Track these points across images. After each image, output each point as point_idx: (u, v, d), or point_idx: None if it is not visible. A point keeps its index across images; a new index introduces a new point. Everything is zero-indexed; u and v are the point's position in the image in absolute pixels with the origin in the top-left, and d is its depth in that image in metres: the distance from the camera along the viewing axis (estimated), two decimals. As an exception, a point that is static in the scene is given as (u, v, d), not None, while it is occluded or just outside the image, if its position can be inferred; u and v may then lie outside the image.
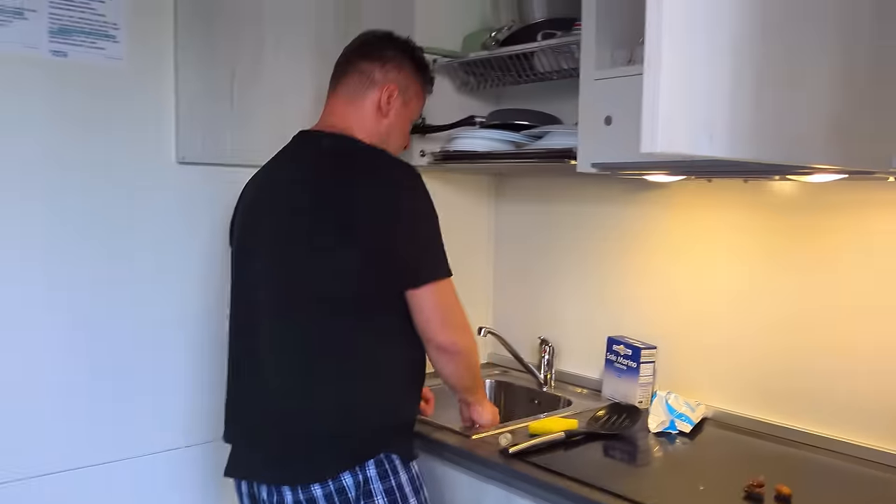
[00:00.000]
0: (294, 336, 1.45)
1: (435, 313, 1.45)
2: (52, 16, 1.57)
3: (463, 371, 1.59)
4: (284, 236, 1.47)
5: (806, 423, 1.69)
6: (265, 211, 1.53)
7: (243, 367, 1.53)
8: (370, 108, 1.57)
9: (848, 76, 1.10)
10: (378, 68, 1.58)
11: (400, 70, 1.60)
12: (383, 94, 1.57)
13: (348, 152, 1.50)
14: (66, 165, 1.61)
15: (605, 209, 2.08)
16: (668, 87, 0.84)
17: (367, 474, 1.41)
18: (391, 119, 1.59)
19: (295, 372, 1.44)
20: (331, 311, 1.42)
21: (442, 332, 1.47)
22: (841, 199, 1.63)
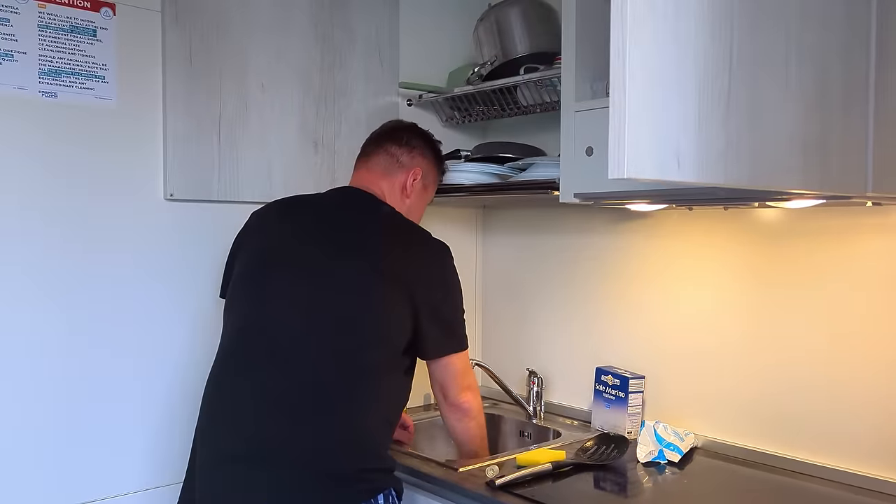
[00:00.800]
0: (313, 373, 1.46)
1: (456, 379, 1.64)
2: (42, 57, 1.60)
3: (475, 430, 1.71)
4: (337, 278, 1.52)
5: (795, 451, 1.69)
6: (306, 241, 1.57)
7: (243, 397, 1.48)
8: (398, 187, 1.73)
9: (819, 101, 1.13)
10: (406, 153, 1.75)
11: (423, 157, 1.78)
12: (409, 177, 1.73)
13: (403, 222, 1.67)
14: (54, 202, 1.62)
15: (590, 240, 2.10)
16: (634, 113, 0.86)
17: None
18: (412, 200, 1.75)
19: (325, 410, 1.45)
20: (361, 356, 1.49)
21: (459, 394, 1.66)
22: (823, 226, 1.64)
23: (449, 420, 1.71)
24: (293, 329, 1.49)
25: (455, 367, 1.63)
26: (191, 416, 1.78)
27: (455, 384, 1.64)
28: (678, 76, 0.90)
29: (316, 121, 2.01)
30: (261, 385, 1.47)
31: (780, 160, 1.06)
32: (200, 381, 1.80)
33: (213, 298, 1.84)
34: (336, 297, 1.50)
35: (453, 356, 1.62)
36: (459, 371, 1.64)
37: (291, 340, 1.49)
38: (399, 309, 1.52)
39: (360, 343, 1.49)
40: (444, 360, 1.62)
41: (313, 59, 1.99)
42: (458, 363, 1.64)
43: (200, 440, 1.53)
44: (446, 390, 1.65)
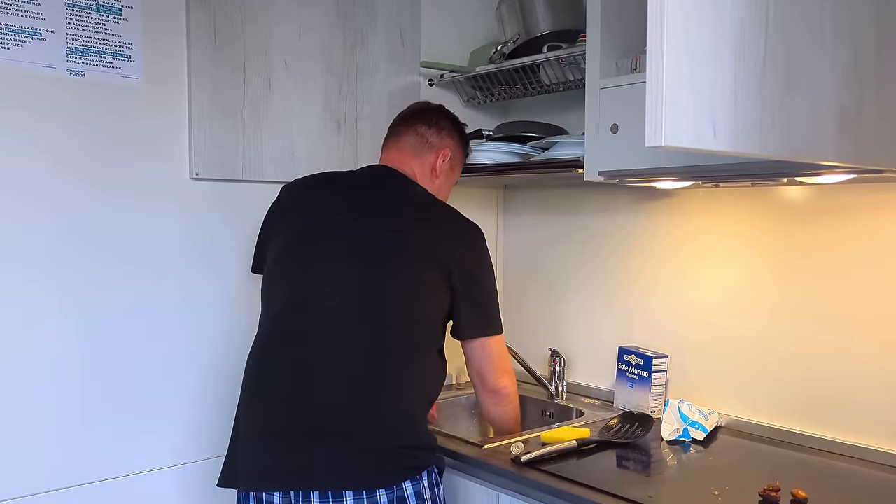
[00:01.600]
0: (359, 346, 1.47)
1: (493, 362, 1.65)
2: (69, 36, 1.60)
3: (510, 413, 1.73)
4: (378, 255, 1.52)
5: (821, 429, 1.68)
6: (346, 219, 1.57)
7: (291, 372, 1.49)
8: (427, 167, 1.73)
9: (854, 70, 1.11)
10: (435, 133, 1.75)
11: (451, 138, 1.78)
12: (439, 157, 1.74)
13: (438, 202, 1.68)
14: (83, 180, 1.63)
15: (613, 219, 2.09)
16: (671, 81, 0.86)
17: (422, 483, 1.47)
18: (441, 180, 1.76)
19: (359, 382, 1.46)
20: (408, 332, 1.52)
21: (496, 378, 1.67)
22: (852, 202, 1.63)
23: (485, 404, 1.72)
24: (332, 308, 1.49)
25: (492, 349, 1.64)
26: (225, 391, 1.83)
27: (492, 368, 1.65)
28: (715, 42, 0.90)
29: (338, 100, 2.01)
30: (303, 363, 1.48)
31: (815, 130, 1.05)
32: (229, 357, 1.84)
33: (239, 275, 1.86)
34: (373, 276, 1.50)
35: (490, 339, 1.63)
36: (496, 354, 1.65)
37: (331, 320, 1.49)
38: (435, 288, 1.53)
39: (398, 322, 1.50)
40: (480, 341, 1.62)
41: (335, 37, 1.99)
42: (495, 346, 1.65)
43: (243, 415, 1.54)
44: (484, 374, 1.66)
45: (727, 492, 1.41)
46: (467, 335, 1.62)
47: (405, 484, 1.45)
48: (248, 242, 1.84)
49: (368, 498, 1.41)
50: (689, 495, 1.42)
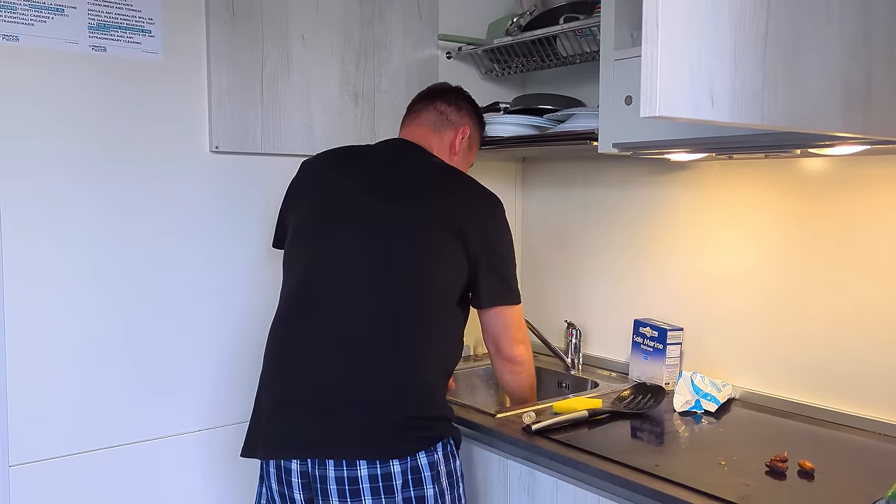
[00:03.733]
0: (377, 319, 1.49)
1: (509, 331, 1.67)
2: (90, 12, 1.64)
3: (525, 381, 1.75)
4: (398, 227, 1.53)
5: (833, 402, 1.68)
6: (364, 193, 1.58)
7: (308, 344, 1.51)
8: (446, 144, 1.75)
9: (863, 41, 1.10)
10: (454, 111, 1.77)
11: (470, 118, 1.80)
12: (458, 135, 1.75)
13: (458, 173, 1.69)
14: (105, 154, 1.68)
15: (630, 192, 2.09)
16: (666, 51, 0.86)
17: (437, 455, 1.48)
18: (459, 158, 1.77)
19: (378, 353, 1.48)
20: (423, 303, 1.53)
21: (512, 346, 1.69)
22: (868, 174, 1.61)
23: (501, 372, 1.74)
24: (351, 279, 1.51)
25: (509, 318, 1.66)
26: (244, 360, 1.89)
27: (508, 336, 1.67)
28: (713, 11, 0.89)
29: (356, 74, 2.02)
30: (320, 335, 1.50)
31: (821, 101, 1.04)
32: (253, 324, 1.88)
33: (259, 246, 1.90)
34: (392, 246, 1.52)
35: (507, 308, 1.65)
36: (513, 323, 1.67)
37: (349, 291, 1.51)
38: (454, 258, 1.55)
39: (416, 292, 1.51)
40: (497, 310, 1.64)
41: (352, 11, 2.00)
42: (512, 315, 1.66)
43: (263, 387, 1.58)
44: (500, 342, 1.68)
45: (734, 462, 1.43)
46: (485, 304, 1.63)
47: (419, 455, 1.45)
48: (268, 214, 1.89)
49: (382, 467, 1.42)
50: (695, 465, 1.43)
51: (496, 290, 1.63)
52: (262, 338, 1.70)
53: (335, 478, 1.43)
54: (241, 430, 1.62)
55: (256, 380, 1.62)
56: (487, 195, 1.64)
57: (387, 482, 1.43)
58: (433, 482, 1.46)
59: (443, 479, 1.48)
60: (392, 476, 1.43)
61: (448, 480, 1.50)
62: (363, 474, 1.42)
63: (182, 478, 1.83)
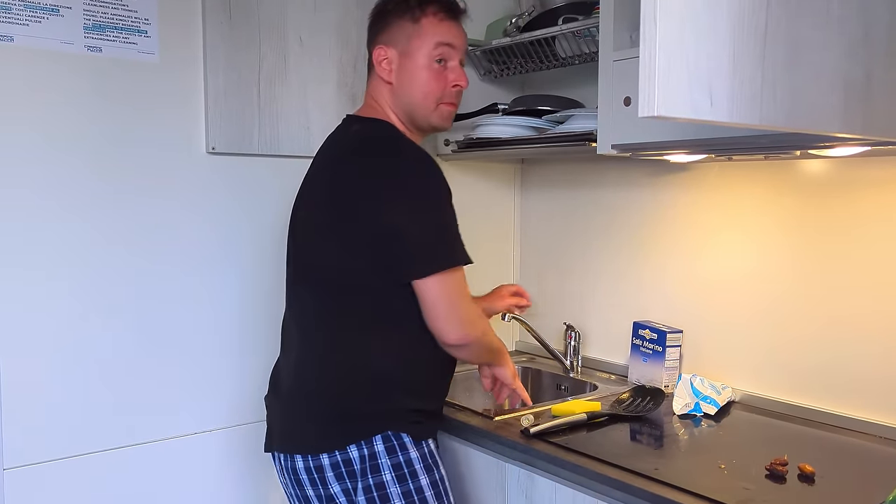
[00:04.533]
0: (307, 314, 1.55)
1: (437, 307, 1.40)
2: (86, 12, 1.63)
3: (478, 355, 1.61)
4: (307, 216, 1.55)
5: (833, 405, 1.67)
6: (304, 190, 1.60)
7: (282, 339, 1.64)
8: (379, 83, 1.55)
9: (863, 41, 1.09)
10: (371, 42, 1.57)
11: (384, 27, 1.53)
12: (377, 64, 1.53)
13: (362, 139, 1.51)
14: (99, 155, 1.67)
15: (629, 193, 2.08)
16: (665, 50, 0.85)
17: (374, 449, 1.44)
18: (397, 81, 1.52)
19: (307, 349, 1.53)
20: (338, 293, 1.48)
21: (448, 328, 1.42)
22: (868, 176, 1.60)
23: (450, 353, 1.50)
24: (294, 284, 1.58)
25: (435, 292, 1.39)
26: (243, 359, 1.89)
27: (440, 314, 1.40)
28: (711, 11, 0.88)
29: (354, 74, 2.01)
30: (286, 339, 1.61)
31: (820, 101, 1.03)
32: (247, 326, 1.89)
33: (256, 247, 1.89)
34: (307, 247, 1.53)
35: (429, 279, 1.38)
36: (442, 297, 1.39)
37: (293, 295, 1.59)
38: (358, 241, 1.41)
39: (335, 288, 1.48)
40: (420, 284, 1.39)
41: (350, 12, 1.99)
42: (439, 287, 1.39)
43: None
44: (434, 326, 1.41)
45: (734, 465, 1.42)
46: (410, 275, 1.38)
47: (350, 448, 1.44)
48: (265, 215, 1.88)
49: (313, 460, 1.46)
50: (695, 468, 1.42)
51: (416, 254, 1.39)
52: (259, 338, 1.71)
53: (287, 468, 1.52)
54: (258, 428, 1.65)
55: (259, 379, 1.68)
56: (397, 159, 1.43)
57: (319, 474, 1.47)
58: (369, 474, 1.43)
59: (384, 472, 1.44)
60: (323, 468, 1.46)
61: (395, 473, 1.44)
62: (299, 466, 1.49)
63: (183, 480, 1.82)
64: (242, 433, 1.89)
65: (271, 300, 1.69)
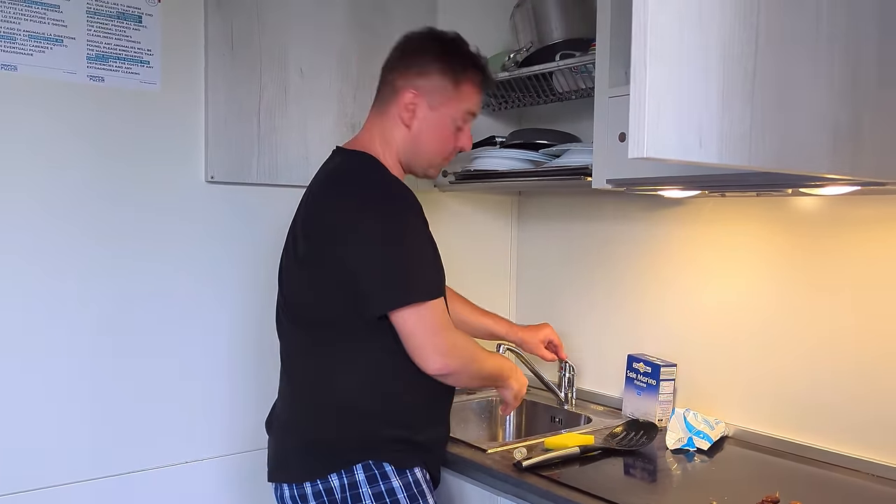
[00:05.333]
0: (288, 346, 1.58)
1: (414, 338, 1.40)
2: (90, 43, 1.66)
3: (467, 381, 1.64)
4: (289, 250, 1.57)
5: (827, 442, 1.67)
6: (293, 222, 1.61)
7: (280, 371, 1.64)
8: (394, 121, 1.53)
9: (851, 84, 1.11)
10: (400, 76, 1.53)
11: (423, 74, 1.52)
12: (401, 105, 1.52)
13: (340, 173, 1.51)
14: (100, 183, 1.68)
15: (625, 227, 2.10)
16: (654, 93, 0.87)
17: (355, 478, 1.45)
18: (417, 128, 1.52)
19: (290, 379, 1.57)
20: (313, 327, 1.51)
21: (428, 358, 1.42)
22: (860, 214, 1.62)
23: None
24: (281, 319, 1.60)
25: (410, 325, 1.39)
26: (242, 389, 1.90)
27: (418, 346, 1.40)
28: (701, 55, 0.90)
29: (353, 105, 2.04)
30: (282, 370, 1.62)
31: (808, 143, 1.05)
32: (244, 356, 1.90)
33: (253, 276, 1.90)
34: (289, 281, 1.55)
35: (404, 311, 1.38)
36: (419, 330, 1.39)
37: (281, 329, 1.60)
38: (331, 274, 1.42)
39: (310, 321, 1.51)
40: (396, 316, 1.40)
41: (351, 45, 2.02)
42: (414, 320, 1.39)
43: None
44: (415, 356, 1.41)
45: (726, 502, 1.41)
46: (376, 309, 1.39)
47: (331, 476, 1.44)
48: (261, 243, 1.89)
49: (297, 489, 1.48)
50: (687, 504, 1.42)
51: (386, 289, 1.39)
52: (254, 366, 1.72)
53: (277, 497, 1.55)
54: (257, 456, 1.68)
55: (254, 407, 1.72)
56: (370, 192, 1.43)
57: (304, 502, 1.48)
58: (350, 503, 1.44)
59: (365, 501, 1.44)
60: (306, 497, 1.47)
61: (376, 502, 1.44)
62: (286, 495, 1.51)
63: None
64: (237, 462, 1.89)
65: (267, 329, 1.69)
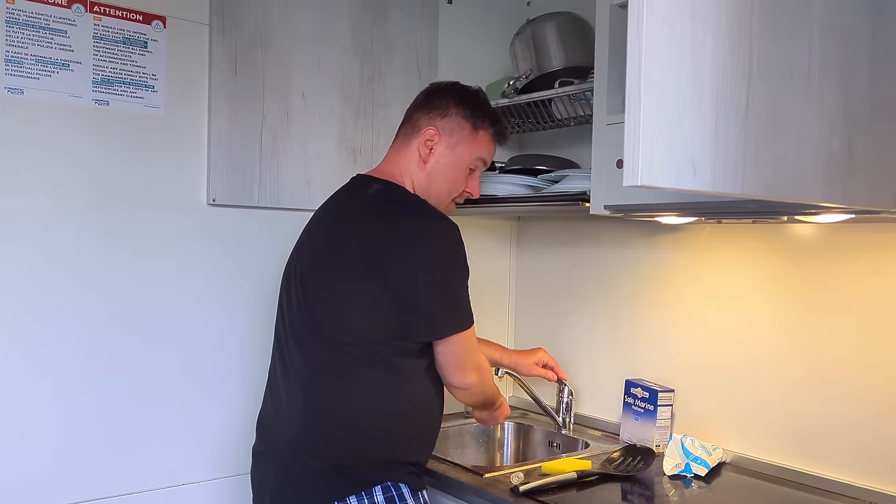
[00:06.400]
0: (308, 365, 1.53)
1: (454, 361, 1.53)
2: (95, 67, 1.68)
3: (477, 400, 1.70)
4: (318, 270, 1.55)
5: (827, 469, 1.67)
6: (307, 243, 1.62)
7: (270, 389, 1.63)
8: (413, 156, 1.61)
9: (844, 114, 1.13)
10: (424, 115, 1.62)
11: (445, 115, 1.61)
12: (422, 140, 1.60)
13: (387, 199, 1.55)
14: (104, 205, 1.70)
15: (623, 253, 2.11)
16: (649, 122, 0.89)
17: (374, 499, 1.45)
18: (432, 165, 1.61)
19: (307, 400, 1.52)
20: (347, 346, 1.48)
21: (458, 376, 1.55)
22: (856, 242, 1.63)
23: (453, 394, 1.62)
24: (287, 341, 1.57)
25: (451, 349, 1.51)
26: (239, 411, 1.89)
27: (451, 367, 1.53)
28: (695, 86, 0.92)
29: (355, 130, 2.06)
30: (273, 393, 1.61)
31: (801, 172, 1.07)
32: (243, 380, 1.90)
33: (255, 299, 1.91)
34: (309, 302, 1.53)
35: (448, 340, 1.49)
36: (457, 353, 1.52)
37: (287, 351, 1.57)
38: (366, 301, 1.46)
39: (331, 342, 1.49)
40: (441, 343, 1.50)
41: (353, 71, 2.05)
42: (453, 346, 1.50)
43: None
44: (444, 373, 1.55)
45: (722, 529, 1.41)
46: (435, 334, 1.49)
47: (350, 499, 1.44)
48: (261, 266, 1.90)
49: None
50: (683, 531, 1.42)
51: (438, 318, 1.48)
52: (251, 390, 1.72)
53: None
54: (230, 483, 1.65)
55: (247, 430, 1.67)
56: (405, 221, 1.48)
57: None
58: None
59: None
60: None
61: None
62: None
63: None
64: (229, 485, 1.88)
65: (265, 352, 1.70)
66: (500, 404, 1.77)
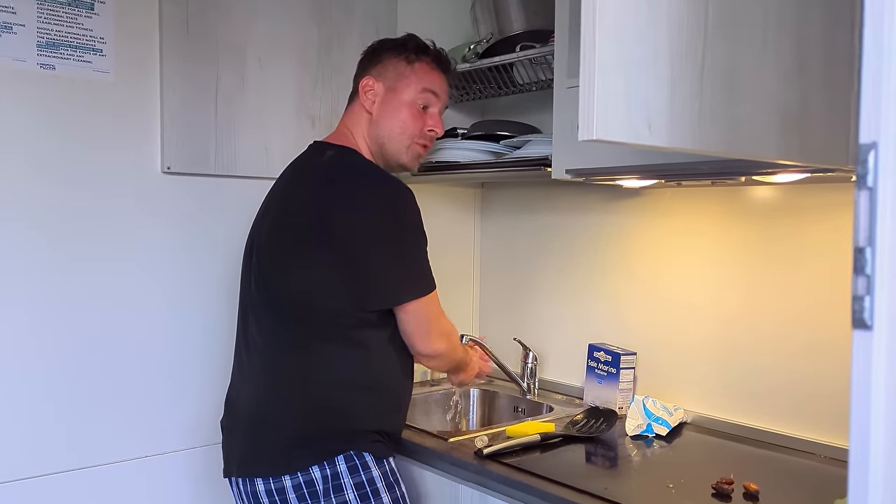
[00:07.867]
0: (267, 339, 1.53)
1: (418, 328, 1.51)
2: (40, 30, 1.62)
3: (445, 365, 1.69)
4: (273, 242, 1.54)
5: (782, 426, 1.70)
6: (265, 215, 1.60)
7: (237, 363, 1.62)
8: (361, 113, 1.62)
9: (798, 71, 1.13)
10: (359, 71, 1.65)
11: (375, 59, 1.62)
12: (362, 93, 1.61)
13: (338, 166, 1.53)
14: (54, 175, 1.65)
15: (586, 218, 2.11)
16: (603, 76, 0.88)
17: (336, 469, 1.45)
18: (378, 112, 1.60)
19: (267, 373, 1.52)
20: (303, 320, 1.48)
21: (424, 343, 1.53)
22: (812, 203, 1.65)
23: (420, 362, 1.62)
24: (251, 311, 1.57)
25: (415, 315, 1.49)
26: (199, 382, 1.88)
27: (420, 333, 1.51)
28: (650, 40, 0.91)
29: (313, 97, 2.02)
30: (238, 364, 1.60)
31: (757, 128, 1.07)
32: (203, 351, 1.87)
33: (212, 269, 1.88)
34: (266, 273, 1.52)
35: (409, 305, 1.47)
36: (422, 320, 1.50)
37: (251, 322, 1.56)
38: (317, 269, 1.45)
39: (291, 313, 1.49)
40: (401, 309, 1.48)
41: (310, 36, 2.01)
42: (418, 311, 1.48)
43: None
44: (411, 341, 1.52)
45: (682, 485, 1.44)
46: (393, 302, 1.47)
47: (312, 469, 1.44)
48: (222, 235, 1.87)
49: (275, 483, 1.46)
50: (644, 488, 1.44)
51: (396, 284, 1.46)
52: (217, 360, 1.69)
53: (247, 492, 1.50)
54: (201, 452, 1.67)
55: (217, 400, 1.67)
56: (373, 189, 1.45)
57: (281, 496, 1.46)
58: (332, 494, 1.44)
59: (347, 492, 1.45)
60: (285, 490, 1.45)
61: (358, 492, 1.46)
62: (260, 489, 1.47)
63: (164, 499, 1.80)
64: (200, 455, 1.87)
65: (229, 321, 1.68)
66: (469, 362, 1.76)
